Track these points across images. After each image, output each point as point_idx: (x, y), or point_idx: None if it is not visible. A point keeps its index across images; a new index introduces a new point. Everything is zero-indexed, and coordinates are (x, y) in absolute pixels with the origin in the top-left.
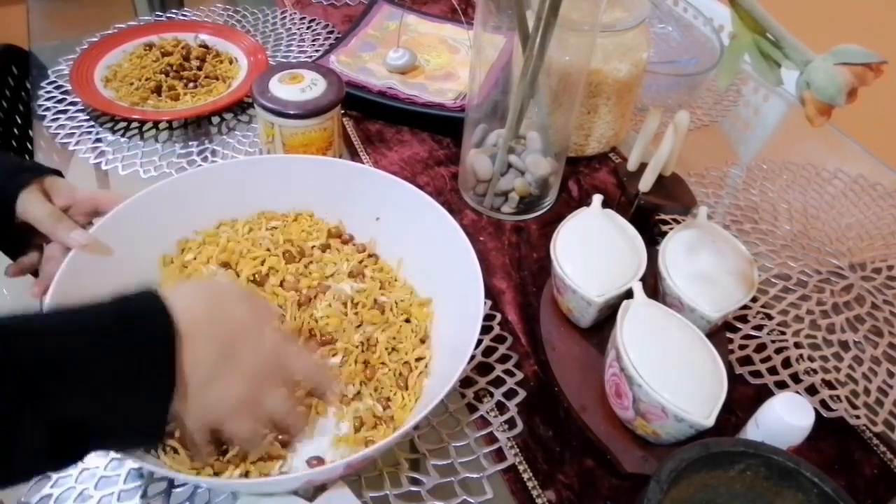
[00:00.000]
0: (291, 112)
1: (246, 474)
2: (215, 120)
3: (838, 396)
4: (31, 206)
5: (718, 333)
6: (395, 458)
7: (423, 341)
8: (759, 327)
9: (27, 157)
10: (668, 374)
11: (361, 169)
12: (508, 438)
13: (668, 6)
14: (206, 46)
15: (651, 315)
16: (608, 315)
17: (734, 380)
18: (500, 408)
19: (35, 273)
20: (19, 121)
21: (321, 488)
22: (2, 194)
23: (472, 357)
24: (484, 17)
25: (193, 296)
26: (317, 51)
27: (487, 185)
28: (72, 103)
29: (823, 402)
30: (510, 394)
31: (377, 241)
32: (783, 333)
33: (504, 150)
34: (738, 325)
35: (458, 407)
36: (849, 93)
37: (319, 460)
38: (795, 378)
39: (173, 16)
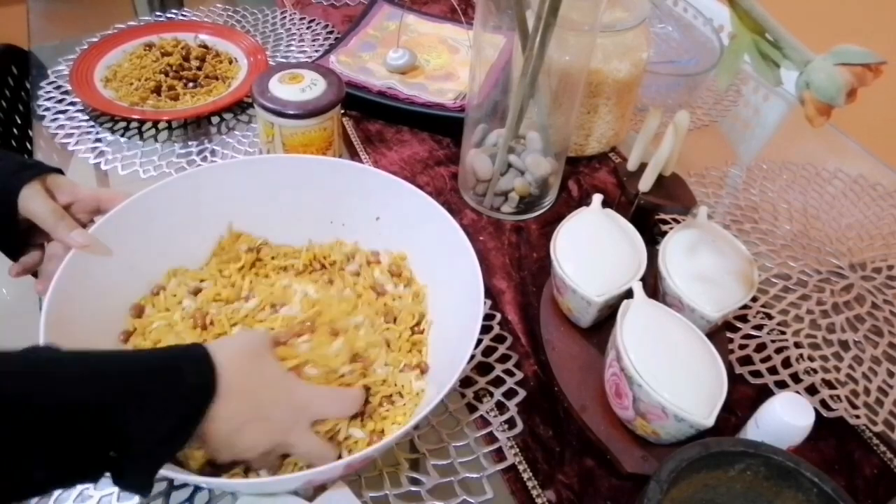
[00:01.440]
0: (291, 112)
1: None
2: (215, 120)
3: (838, 396)
4: (32, 203)
5: (718, 333)
6: (395, 458)
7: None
8: (759, 327)
9: (27, 157)
10: (668, 374)
11: (361, 169)
12: (508, 438)
13: (668, 6)
14: (206, 46)
15: (651, 315)
16: (608, 315)
17: (734, 380)
18: (500, 408)
19: (36, 273)
20: (19, 121)
21: (321, 488)
22: (4, 192)
23: (472, 357)
24: (484, 17)
25: (235, 350)
26: (317, 51)
27: (487, 185)
28: (72, 103)
29: (823, 402)
30: (510, 394)
31: (377, 241)
32: (783, 333)
33: (504, 150)
34: (738, 325)
35: (458, 407)
36: (848, 93)
37: None
38: (795, 378)
39: (173, 16)
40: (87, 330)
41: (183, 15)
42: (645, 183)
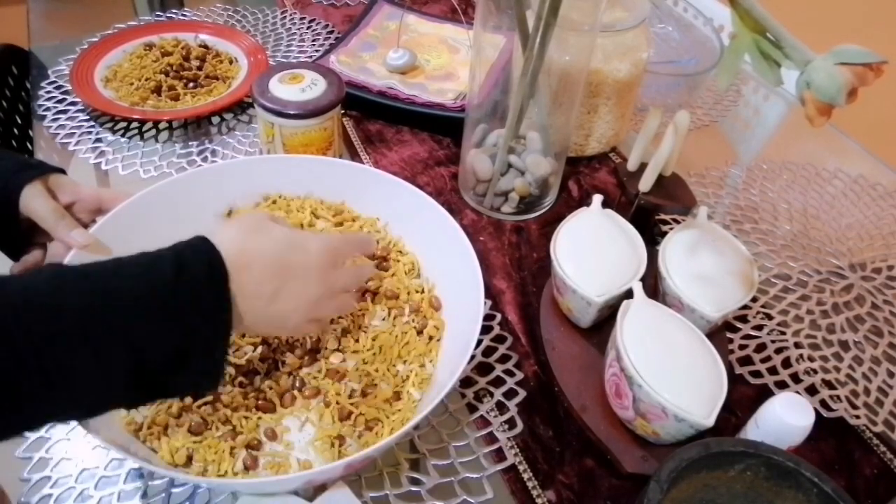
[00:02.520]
0: (291, 112)
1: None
2: (215, 120)
3: (838, 396)
4: (34, 202)
5: (718, 333)
6: (395, 458)
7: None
8: (759, 327)
9: (29, 157)
10: (668, 374)
11: (362, 169)
12: (508, 438)
13: (668, 6)
14: (206, 46)
15: (651, 315)
16: (608, 315)
17: (734, 380)
18: (500, 408)
19: None
20: (19, 121)
21: (321, 488)
22: (5, 191)
23: (472, 357)
24: (484, 17)
25: (235, 231)
26: (317, 51)
27: (487, 185)
28: (72, 103)
29: (823, 402)
30: (510, 394)
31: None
32: (783, 333)
33: (504, 150)
34: (738, 325)
35: (458, 407)
36: (849, 93)
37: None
38: (795, 378)
39: (173, 16)
40: None
41: (183, 15)
42: (645, 183)
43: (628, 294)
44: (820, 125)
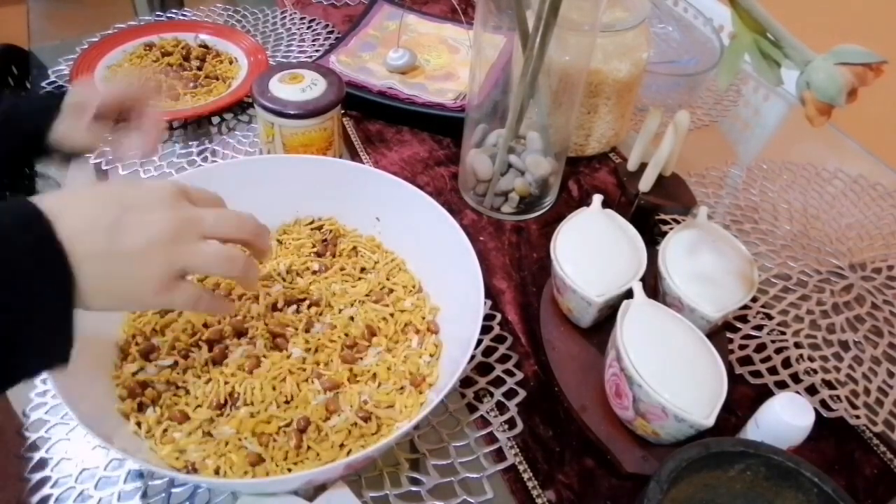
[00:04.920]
0: (291, 112)
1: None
2: (215, 120)
3: (838, 396)
4: (71, 136)
5: (718, 333)
6: (395, 458)
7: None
8: (759, 327)
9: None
10: (668, 374)
11: (361, 169)
12: (508, 438)
13: (668, 6)
14: (206, 46)
15: (651, 315)
16: (608, 315)
17: (734, 380)
18: (500, 408)
19: None
20: None
21: (321, 488)
22: (35, 138)
23: (472, 357)
24: (484, 17)
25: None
26: (317, 51)
27: (487, 185)
28: None
29: (823, 402)
30: (510, 394)
31: (377, 241)
32: (783, 333)
33: (504, 150)
34: (738, 325)
35: (458, 407)
36: (849, 93)
37: None
38: (795, 378)
39: (173, 16)
40: (87, 328)
41: (183, 15)
42: (645, 183)
43: (628, 294)
44: (820, 125)
